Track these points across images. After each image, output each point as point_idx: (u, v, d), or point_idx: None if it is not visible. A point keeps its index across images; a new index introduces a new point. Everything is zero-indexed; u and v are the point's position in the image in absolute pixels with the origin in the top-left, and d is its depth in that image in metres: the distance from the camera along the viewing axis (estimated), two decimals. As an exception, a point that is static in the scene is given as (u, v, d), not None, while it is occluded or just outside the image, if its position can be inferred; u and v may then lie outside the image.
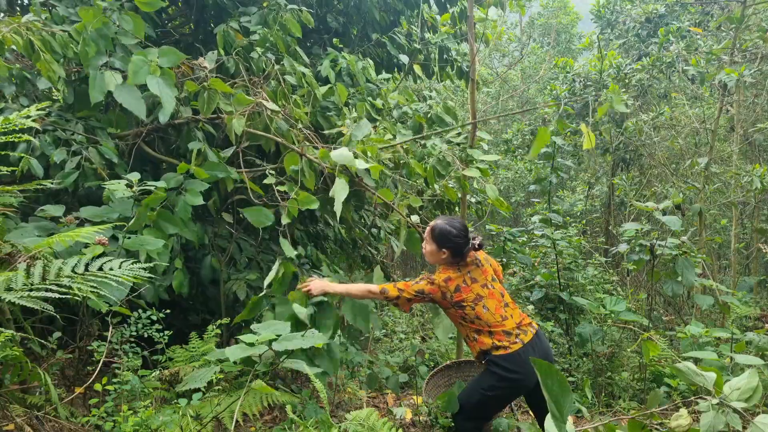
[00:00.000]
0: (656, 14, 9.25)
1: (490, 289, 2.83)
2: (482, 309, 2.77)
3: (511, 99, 13.25)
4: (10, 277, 2.01)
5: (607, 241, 8.95)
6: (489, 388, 2.76)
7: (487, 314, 2.77)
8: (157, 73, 2.71)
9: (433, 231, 2.82)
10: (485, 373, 2.82)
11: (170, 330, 2.85)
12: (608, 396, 4.44)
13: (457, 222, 2.83)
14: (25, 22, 2.72)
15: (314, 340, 2.42)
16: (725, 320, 5.26)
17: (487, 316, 2.76)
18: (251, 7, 3.88)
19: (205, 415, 2.60)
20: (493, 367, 2.73)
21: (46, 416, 2.40)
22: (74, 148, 2.91)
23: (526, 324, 2.83)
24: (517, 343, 2.72)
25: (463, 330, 2.89)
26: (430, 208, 5.56)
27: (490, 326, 2.75)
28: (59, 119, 3.02)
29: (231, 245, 3.69)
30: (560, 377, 1.55)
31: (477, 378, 2.93)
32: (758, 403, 2.17)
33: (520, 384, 2.73)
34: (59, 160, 2.83)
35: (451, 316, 2.91)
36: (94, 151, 2.94)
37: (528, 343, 2.75)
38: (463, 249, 2.79)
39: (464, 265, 2.84)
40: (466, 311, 2.77)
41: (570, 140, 8.27)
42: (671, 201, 4.69)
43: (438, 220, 2.86)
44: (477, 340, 2.79)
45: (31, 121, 2.37)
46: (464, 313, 2.78)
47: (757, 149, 9.14)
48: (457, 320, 2.87)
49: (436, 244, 2.82)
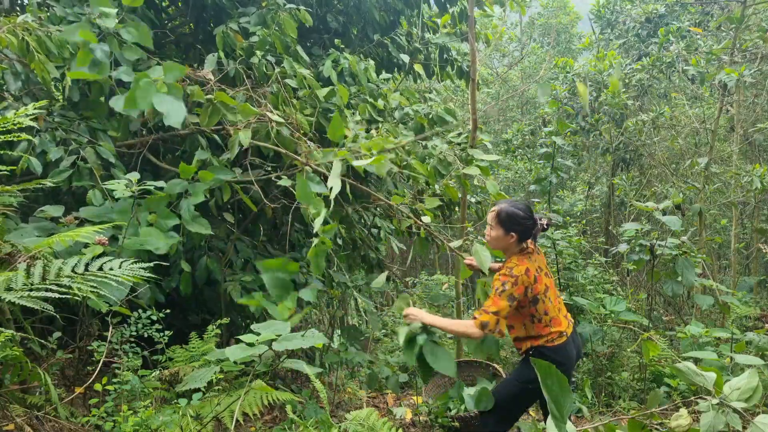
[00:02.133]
0: (656, 14, 9.24)
1: (550, 278, 2.72)
2: (549, 302, 2.63)
3: (511, 99, 13.25)
4: (10, 277, 2.01)
5: (607, 241, 8.95)
6: (530, 381, 2.58)
7: (551, 307, 2.63)
8: (164, 90, 2.69)
9: (500, 215, 2.65)
10: (526, 368, 2.68)
11: (170, 330, 2.85)
12: (608, 396, 4.45)
13: (522, 204, 2.69)
14: (21, 22, 2.71)
15: (314, 340, 2.42)
16: (725, 320, 5.26)
17: (551, 308, 2.63)
18: (250, 7, 3.87)
19: (205, 415, 2.60)
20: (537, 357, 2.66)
21: (46, 416, 2.40)
22: (72, 147, 2.90)
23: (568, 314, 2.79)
24: (564, 336, 2.65)
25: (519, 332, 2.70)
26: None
27: (552, 320, 2.62)
28: (62, 119, 3.02)
29: (230, 246, 3.69)
30: (560, 377, 1.56)
31: (515, 373, 2.77)
32: (758, 403, 2.17)
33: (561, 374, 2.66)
34: (55, 157, 2.81)
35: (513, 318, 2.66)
36: (91, 150, 2.92)
37: (571, 334, 2.71)
38: (531, 230, 2.64)
39: (529, 253, 2.68)
40: (537, 307, 2.59)
41: (570, 140, 8.26)
42: (671, 201, 4.69)
43: (502, 204, 2.70)
44: (534, 337, 2.64)
45: (31, 119, 2.36)
46: (536, 308, 2.59)
47: (757, 149, 9.14)
48: (521, 322, 2.67)
49: (503, 228, 2.64)
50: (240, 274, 3.58)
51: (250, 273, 3.63)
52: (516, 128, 10.32)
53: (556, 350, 2.62)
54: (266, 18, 3.67)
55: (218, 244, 3.70)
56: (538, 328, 2.64)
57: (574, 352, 2.74)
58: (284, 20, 3.61)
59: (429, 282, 8.22)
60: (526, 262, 2.61)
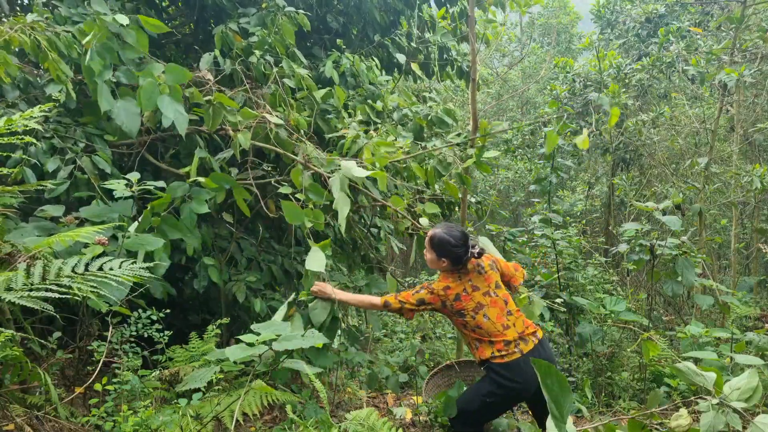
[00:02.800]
0: (656, 14, 9.25)
1: (493, 297, 2.80)
2: (483, 318, 2.74)
3: (511, 99, 13.25)
4: (10, 277, 2.01)
5: (607, 241, 8.95)
6: (488, 395, 2.74)
7: (487, 323, 2.74)
8: (166, 92, 2.69)
9: (432, 240, 2.80)
10: (485, 380, 2.80)
11: (170, 330, 2.85)
12: (608, 396, 4.45)
13: (457, 230, 2.80)
14: (30, 22, 2.70)
15: (314, 340, 2.42)
16: (725, 320, 5.26)
17: (487, 325, 2.74)
18: (250, 8, 3.87)
19: (205, 414, 2.60)
20: (492, 375, 2.72)
21: (46, 416, 2.40)
22: (68, 157, 2.89)
23: (529, 333, 2.79)
24: (516, 353, 2.70)
25: (465, 337, 2.88)
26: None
27: (491, 335, 2.73)
28: (58, 126, 3.00)
29: (231, 245, 3.68)
30: (560, 377, 1.55)
31: (477, 384, 2.91)
32: (758, 403, 2.17)
33: (518, 392, 2.71)
34: (52, 168, 2.81)
35: (454, 323, 2.91)
36: (87, 160, 2.91)
37: (527, 353, 2.72)
38: (462, 258, 2.76)
39: (465, 273, 2.81)
40: (466, 320, 2.76)
41: (570, 140, 8.26)
42: (671, 201, 4.69)
43: (437, 229, 2.84)
44: (478, 348, 2.78)
45: (35, 122, 2.36)
46: (465, 321, 2.77)
47: (757, 149, 9.14)
48: (460, 327, 2.87)
49: (435, 253, 2.81)
50: (244, 273, 3.58)
51: (254, 272, 3.64)
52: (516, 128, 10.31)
53: (507, 367, 2.69)
54: (266, 20, 3.67)
55: (221, 244, 3.70)
56: (475, 336, 2.78)
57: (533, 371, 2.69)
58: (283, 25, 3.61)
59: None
60: (450, 280, 2.79)
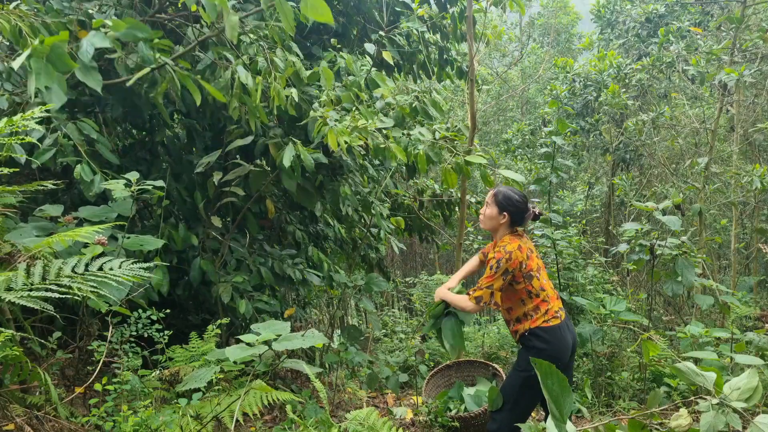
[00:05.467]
0: (656, 14, 9.25)
1: (540, 261, 2.87)
2: (543, 280, 2.78)
3: (511, 99, 13.25)
4: (10, 277, 2.00)
5: (607, 241, 8.95)
6: (527, 367, 2.69)
7: (548, 285, 2.79)
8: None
9: (497, 195, 2.85)
10: (521, 354, 2.79)
11: (170, 330, 2.85)
12: (608, 396, 4.44)
13: (519, 192, 2.88)
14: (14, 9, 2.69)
15: (314, 340, 2.42)
16: (725, 320, 5.26)
17: (548, 286, 2.78)
18: (248, 4, 3.85)
19: (205, 414, 2.60)
20: (532, 342, 2.71)
21: (46, 416, 2.40)
22: (54, 125, 2.83)
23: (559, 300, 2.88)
24: (557, 318, 2.75)
25: (517, 311, 2.80)
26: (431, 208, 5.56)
27: (549, 298, 2.76)
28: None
29: (224, 246, 3.66)
30: (560, 377, 1.56)
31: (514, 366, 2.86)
32: (758, 403, 2.17)
33: (556, 359, 2.67)
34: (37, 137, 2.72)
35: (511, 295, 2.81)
36: (73, 126, 2.85)
37: (564, 319, 2.79)
38: (524, 214, 2.82)
39: (519, 236, 2.84)
40: (532, 283, 2.73)
41: (570, 140, 8.27)
42: (671, 201, 4.68)
43: (501, 187, 2.91)
44: (532, 318, 2.74)
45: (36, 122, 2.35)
46: (532, 284, 2.74)
47: (757, 149, 9.14)
48: (521, 296, 2.78)
49: (498, 207, 2.83)
50: (232, 274, 3.55)
51: (242, 273, 3.60)
52: (516, 128, 10.32)
53: (550, 331, 2.71)
54: (265, 16, 3.64)
55: (212, 245, 3.67)
56: (536, 302, 2.75)
57: (569, 337, 2.78)
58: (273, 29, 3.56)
59: (429, 282, 8.23)
60: (518, 240, 2.78)
